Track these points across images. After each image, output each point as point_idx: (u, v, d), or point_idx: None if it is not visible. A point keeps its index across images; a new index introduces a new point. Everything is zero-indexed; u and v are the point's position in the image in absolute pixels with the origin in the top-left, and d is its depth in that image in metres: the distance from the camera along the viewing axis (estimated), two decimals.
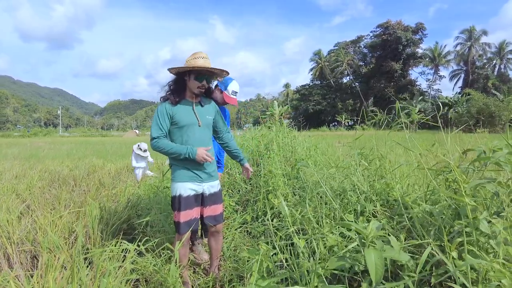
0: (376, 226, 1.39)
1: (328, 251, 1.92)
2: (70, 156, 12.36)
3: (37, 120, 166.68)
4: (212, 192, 2.51)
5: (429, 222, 1.64)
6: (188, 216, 2.39)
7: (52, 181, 6.20)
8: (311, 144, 4.99)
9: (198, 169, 2.41)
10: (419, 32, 59.51)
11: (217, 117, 2.60)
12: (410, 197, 1.96)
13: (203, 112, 2.48)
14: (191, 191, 2.40)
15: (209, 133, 2.56)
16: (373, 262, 1.16)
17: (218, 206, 2.55)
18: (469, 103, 38.16)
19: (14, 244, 3.05)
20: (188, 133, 2.39)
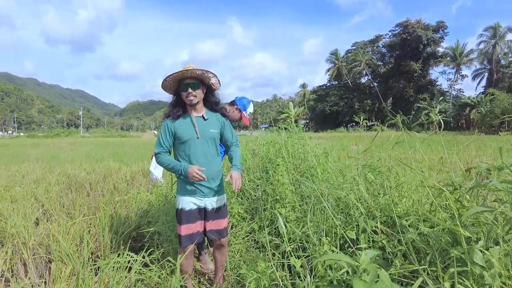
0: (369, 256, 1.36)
1: (326, 270, 1.91)
2: (89, 158, 12.71)
3: (60, 120, 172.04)
4: (216, 207, 2.48)
5: (424, 247, 1.60)
6: (189, 230, 2.41)
7: (69, 185, 6.40)
8: (322, 151, 4.94)
9: (200, 184, 2.39)
10: (440, 31, 57.95)
11: (223, 129, 2.55)
12: (411, 215, 1.92)
13: (206, 126, 2.44)
14: (193, 205, 2.42)
15: (213, 147, 2.49)
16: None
17: (221, 221, 2.52)
18: (493, 103, 36.85)
19: (30, 250, 3.18)
20: (190, 148, 2.40)
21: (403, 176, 2.94)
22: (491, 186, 1.28)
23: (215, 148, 2.50)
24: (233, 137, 2.62)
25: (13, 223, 3.49)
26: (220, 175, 2.53)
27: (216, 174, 2.48)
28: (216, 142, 2.51)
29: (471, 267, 1.32)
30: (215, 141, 2.49)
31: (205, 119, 2.45)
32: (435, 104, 44.11)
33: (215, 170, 2.46)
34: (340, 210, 2.52)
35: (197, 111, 2.45)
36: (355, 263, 1.27)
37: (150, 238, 3.34)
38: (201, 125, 2.42)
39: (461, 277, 1.37)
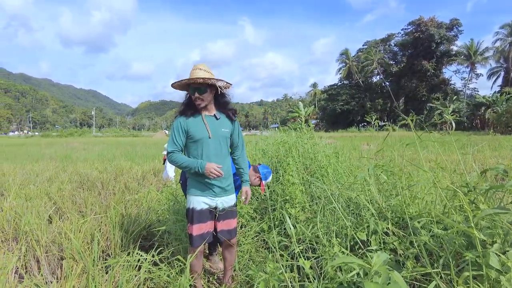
0: (382, 259, 1.33)
1: (336, 272, 1.89)
2: (101, 157, 12.89)
3: (73, 120, 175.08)
4: (226, 206, 2.47)
5: (436, 250, 1.56)
6: (200, 230, 2.40)
7: (82, 184, 6.50)
8: (332, 151, 4.89)
9: (212, 183, 2.39)
10: (454, 29, 56.82)
11: (233, 130, 2.54)
12: (424, 218, 1.87)
13: (218, 125, 2.43)
14: (204, 204, 2.41)
15: (225, 146, 2.48)
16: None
17: (232, 221, 2.52)
18: (510, 103, 35.96)
19: (43, 248, 3.23)
20: (203, 146, 2.39)
21: (416, 177, 2.88)
22: (508, 187, 1.23)
23: (226, 147, 2.50)
24: (239, 139, 2.58)
25: (27, 220, 3.56)
26: (230, 174, 2.52)
27: (227, 174, 2.47)
28: (227, 142, 2.50)
29: (486, 271, 1.27)
30: (226, 140, 2.48)
31: (217, 119, 2.44)
32: (448, 104, 43.28)
33: (226, 170, 2.44)
34: (351, 211, 2.48)
35: (209, 111, 2.44)
36: (367, 265, 1.24)
37: (160, 237, 3.36)
38: (213, 125, 2.41)
39: (476, 281, 1.33)
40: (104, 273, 2.64)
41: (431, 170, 2.36)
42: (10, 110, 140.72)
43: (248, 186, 2.55)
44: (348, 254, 1.97)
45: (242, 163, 2.60)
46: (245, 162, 2.63)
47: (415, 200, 2.49)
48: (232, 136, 2.55)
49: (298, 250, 1.79)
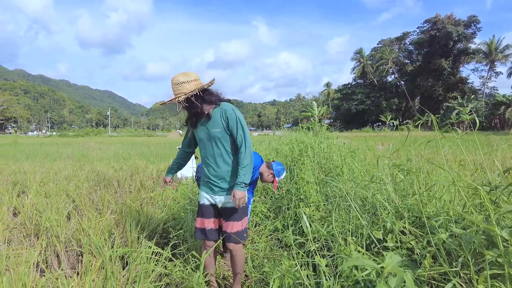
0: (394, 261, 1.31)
1: (352, 269, 1.87)
2: (116, 157, 13.11)
3: (89, 120, 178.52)
4: (225, 207, 2.41)
5: (455, 248, 1.53)
6: (202, 224, 2.46)
7: (98, 182, 6.62)
8: (348, 151, 4.85)
9: (209, 181, 2.43)
10: (472, 26, 55.34)
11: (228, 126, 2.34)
12: (441, 217, 1.84)
13: (210, 125, 2.36)
14: (205, 200, 2.48)
15: (221, 146, 2.37)
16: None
17: (234, 224, 2.40)
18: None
19: (62, 244, 3.32)
20: (202, 148, 2.49)
21: (434, 176, 2.83)
22: None
23: (222, 147, 2.37)
24: (237, 135, 2.33)
25: (47, 217, 3.66)
26: (229, 175, 2.40)
27: (225, 174, 2.39)
28: (223, 141, 2.36)
29: (508, 270, 1.25)
30: (220, 140, 2.35)
31: (210, 118, 2.36)
32: (465, 103, 42.29)
33: (223, 170, 2.38)
34: (366, 211, 2.46)
35: (205, 113, 2.38)
36: (379, 267, 1.23)
37: (176, 235, 3.40)
38: (206, 126, 2.38)
39: (497, 280, 1.30)
40: (121, 269, 2.69)
41: (451, 169, 2.31)
42: (29, 110, 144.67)
43: (237, 189, 2.26)
44: (364, 253, 1.95)
45: (240, 163, 2.31)
46: (244, 162, 2.30)
47: (432, 200, 2.45)
48: (232, 132, 2.35)
49: (314, 248, 1.79)
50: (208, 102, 2.33)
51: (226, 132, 2.34)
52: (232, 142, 2.38)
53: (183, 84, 2.27)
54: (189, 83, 2.28)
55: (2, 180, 6.53)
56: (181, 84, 2.28)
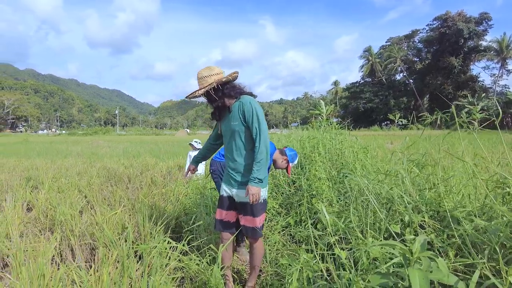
0: (422, 242, 1.29)
1: (371, 263, 1.85)
2: (126, 154, 13.20)
3: (98, 119, 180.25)
4: (242, 201, 2.39)
5: (482, 240, 1.49)
6: (220, 215, 2.48)
7: (109, 178, 6.68)
8: (360, 147, 4.81)
9: (228, 173, 2.46)
10: (483, 23, 54.40)
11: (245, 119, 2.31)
12: (462, 210, 1.81)
13: (230, 119, 2.37)
14: (224, 191, 2.50)
15: (238, 140, 2.36)
16: (417, 283, 1.09)
17: (251, 219, 2.37)
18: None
19: (76, 237, 3.34)
20: (224, 141, 2.54)
21: (451, 171, 2.79)
22: None
23: (241, 141, 2.36)
24: (253, 127, 2.28)
25: (61, 211, 3.69)
26: (246, 169, 2.37)
27: (241, 168, 2.37)
28: (241, 135, 2.34)
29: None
30: (239, 134, 2.34)
31: (230, 112, 2.38)
32: (476, 101, 41.65)
33: (240, 164, 2.37)
34: (383, 205, 2.43)
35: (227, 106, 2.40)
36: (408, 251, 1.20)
37: (189, 230, 3.41)
38: (227, 120, 2.40)
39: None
40: (135, 262, 2.70)
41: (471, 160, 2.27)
42: (39, 109, 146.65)
43: (251, 185, 2.21)
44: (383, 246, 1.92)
45: (255, 157, 2.26)
46: (258, 157, 2.24)
47: (450, 195, 2.41)
48: (248, 126, 2.31)
49: (334, 240, 1.77)
50: (228, 95, 2.34)
51: (243, 125, 2.32)
52: (249, 136, 2.34)
53: (206, 78, 2.32)
54: (210, 77, 2.31)
55: (15, 176, 6.62)
56: (204, 78, 2.33)
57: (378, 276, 1.33)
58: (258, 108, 2.30)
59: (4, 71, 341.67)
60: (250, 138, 2.34)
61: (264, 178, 2.24)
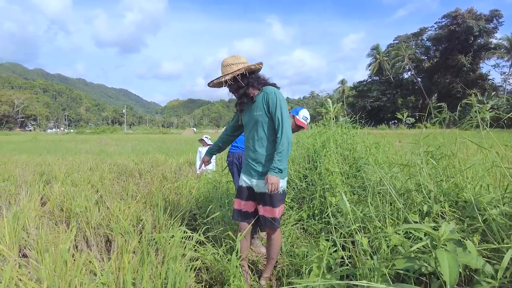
0: (449, 228, 1.30)
1: (391, 251, 1.85)
2: (135, 152, 13.32)
3: (105, 118, 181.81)
4: (262, 191, 2.39)
5: (508, 225, 1.49)
6: (239, 205, 2.50)
7: (120, 174, 6.74)
8: (372, 142, 4.79)
9: (248, 164, 2.46)
10: (494, 20, 53.58)
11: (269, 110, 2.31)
12: (484, 198, 1.80)
13: (253, 109, 2.39)
14: (243, 182, 2.51)
15: (261, 130, 2.37)
16: (446, 265, 1.09)
17: (270, 209, 2.38)
18: None
19: (92, 229, 3.39)
20: (245, 131, 2.55)
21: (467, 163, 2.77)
22: None
23: (262, 131, 2.37)
24: (275, 118, 2.29)
25: (77, 203, 3.75)
26: (266, 160, 2.37)
27: (262, 158, 2.38)
28: (264, 125, 2.35)
29: None
30: (261, 124, 2.35)
31: (253, 102, 2.40)
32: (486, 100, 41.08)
33: (260, 154, 2.38)
34: (400, 195, 2.42)
35: (250, 96, 2.41)
36: (436, 233, 1.20)
37: (203, 222, 3.43)
38: (250, 109, 2.42)
39: None
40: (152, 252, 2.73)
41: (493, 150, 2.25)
42: (48, 108, 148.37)
43: (271, 174, 2.21)
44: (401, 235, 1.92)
45: (276, 148, 2.26)
46: (279, 148, 2.23)
47: (468, 185, 2.39)
48: (271, 116, 2.33)
49: (354, 227, 1.77)
50: (252, 85, 2.36)
51: (267, 115, 2.33)
52: (272, 127, 2.35)
53: (232, 66, 2.32)
54: (237, 65, 2.32)
55: (29, 171, 6.71)
56: (230, 65, 2.33)
57: (403, 260, 1.33)
58: (282, 99, 2.31)
59: (14, 71, 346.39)
60: (272, 129, 2.35)
61: (284, 169, 2.24)
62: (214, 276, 2.50)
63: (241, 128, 2.73)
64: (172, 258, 2.26)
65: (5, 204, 4.72)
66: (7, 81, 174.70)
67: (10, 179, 5.69)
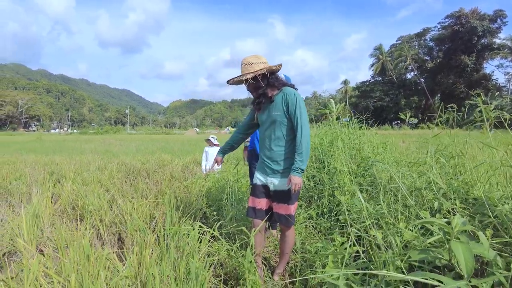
0: (461, 221, 1.36)
1: (404, 247, 1.91)
2: (140, 152, 13.42)
3: (108, 118, 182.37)
4: (277, 189, 2.46)
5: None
6: (253, 203, 2.56)
7: (128, 173, 6.82)
8: (379, 141, 4.85)
9: (263, 162, 2.53)
10: (498, 20, 53.34)
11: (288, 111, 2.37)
12: (500, 193, 1.86)
13: (271, 108, 2.44)
14: (258, 180, 2.57)
15: (278, 130, 2.42)
16: (461, 255, 1.15)
17: (285, 206, 2.45)
18: None
19: (106, 226, 3.47)
20: (261, 130, 2.60)
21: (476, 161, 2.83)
22: None
23: (280, 131, 2.42)
24: (295, 119, 2.34)
25: (90, 201, 3.82)
26: (282, 159, 2.44)
27: (278, 158, 2.44)
28: (281, 125, 2.41)
29: None
30: (279, 124, 2.41)
31: (272, 102, 2.45)
32: (489, 100, 40.99)
33: (277, 153, 2.44)
34: (411, 193, 2.48)
35: (269, 95, 2.47)
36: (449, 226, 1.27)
37: (215, 219, 3.50)
38: (268, 108, 2.48)
39: None
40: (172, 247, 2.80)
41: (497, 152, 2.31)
42: (51, 109, 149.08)
43: (294, 175, 2.27)
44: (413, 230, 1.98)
45: (296, 149, 2.32)
46: (299, 148, 2.30)
47: (476, 184, 2.45)
48: (290, 117, 2.39)
49: (369, 223, 1.83)
50: (272, 85, 2.43)
51: (286, 116, 2.39)
52: (290, 128, 2.41)
53: (253, 65, 2.37)
54: (258, 65, 2.37)
55: (38, 171, 6.81)
56: (251, 64, 2.38)
57: (417, 251, 1.39)
58: (301, 100, 2.39)
59: (17, 71, 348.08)
60: (290, 129, 2.42)
61: (304, 168, 2.32)
62: (229, 272, 2.56)
63: (255, 127, 2.78)
64: (190, 253, 2.34)
65: (17, 202, 4.82)
66: (11, 81, 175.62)
67: (21, 178, 5.79)
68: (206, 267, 2.08)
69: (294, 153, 2.35)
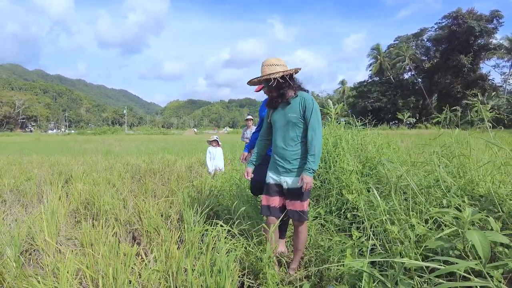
0: (472, 211, 1.49)
1: (416, 242, 2.03)
2: (141, 152, 13.49)
3: (105, 119, 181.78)
4: (291, 187, 2.59)
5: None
6: (267, 201, 2.69)
7: (135, 173, 6.93)
8: (383, 141, 4.99)
9: (276, 161, 2.65)
10: (494, 21, 53.74)
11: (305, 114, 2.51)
12: (502, 191, 1.99)
13: (288, 110, 2.56)
14: (271, 179, 2.70)
15: (293, 131, 2.55)
16: (478, 241, 1.27)
17: (298, 203, 2.58)
18: None
19: (122, 225, 3.58)
20: (275, 130, 2.71)
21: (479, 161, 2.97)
22: None
23: (294, 132, 2.55)
24: (310, 124, 2.49)
25: (105, 201, 3.93)
26: (294, 158, 2.57)
27: (290, 157, 2.57)
28: (295, 127, 2.54)
29: None
30: (294, 125, 2.54)
31: (288, 104, 2.58)
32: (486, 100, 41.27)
33: (289, 153, 2.57)
34: (420, 191, 2.60)
35: (286, 97, 2.59)
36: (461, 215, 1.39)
37: (228, 218, 3.62)
38: (284, 110, 2.60)
39: None
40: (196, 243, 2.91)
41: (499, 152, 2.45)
42: (48, 109, 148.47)
43: (306, 174, 2.42)
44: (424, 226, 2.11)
45: (309, 150, 2.47)
46: (312, 150, 2.45)
47: (480, 182, 2.58)
48: (305, 120, 2.53)
49: (385, 218, 1.96)
50: (290, 87, 2.57)
51: (301, 119, 2.54)
52: (303, 130, 2.56)
53: (276, 67, 2.53)
54: (280, 66, 2.54)
55: (47, 171, 6.91)
56: (274, 66, 2.54)
57: (434, 240, 1.52)
58: (317, 106, 2.57)
59: (14, 72, 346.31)
60: (303, 130, 2.57)
61: (316, 169, 2.46)
62: (246, 267, 2.68)
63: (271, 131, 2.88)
64: (214, 248, 2.46)
65: (29, 202, 4.92)
66: (7, 82, 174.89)
67: (32, 179, 5.88)
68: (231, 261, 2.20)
69: (306, 154, 2.53)
